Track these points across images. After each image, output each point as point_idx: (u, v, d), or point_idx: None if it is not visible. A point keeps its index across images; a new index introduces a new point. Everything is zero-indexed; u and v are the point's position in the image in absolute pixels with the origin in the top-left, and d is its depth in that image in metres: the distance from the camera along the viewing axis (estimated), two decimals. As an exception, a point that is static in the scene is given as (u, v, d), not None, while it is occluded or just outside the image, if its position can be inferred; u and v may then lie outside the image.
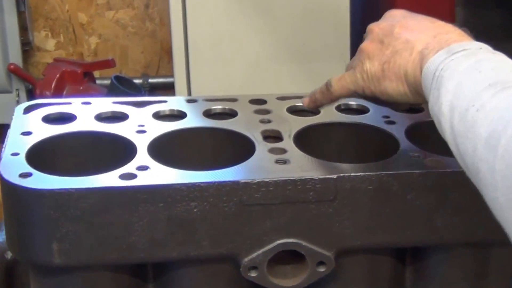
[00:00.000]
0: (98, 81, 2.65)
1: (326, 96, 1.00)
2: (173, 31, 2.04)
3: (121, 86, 2.29)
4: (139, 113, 1.11)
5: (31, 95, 2.54)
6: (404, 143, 1.03)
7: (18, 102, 2.55)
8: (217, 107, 1.14)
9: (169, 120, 1.10)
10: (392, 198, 0.94)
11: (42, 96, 2.40)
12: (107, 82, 2.56)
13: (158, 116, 1.11)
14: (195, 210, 0.90)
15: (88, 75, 2.52)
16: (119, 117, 1.10)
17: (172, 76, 2.11)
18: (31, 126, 1.05)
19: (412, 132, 1.08)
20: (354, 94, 0.97)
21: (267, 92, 1.81)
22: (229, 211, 0.90)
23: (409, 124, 1.10)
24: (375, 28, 0.95)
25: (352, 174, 0.93)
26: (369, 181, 0.93)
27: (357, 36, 2.04)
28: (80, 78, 2.47)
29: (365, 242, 0.96)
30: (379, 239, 0.96)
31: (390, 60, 0.91)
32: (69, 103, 1.13)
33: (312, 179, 0.92)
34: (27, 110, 1.12)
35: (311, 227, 0.93)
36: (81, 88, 2.46)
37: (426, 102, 0.85)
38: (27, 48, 2.67)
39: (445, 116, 0.79)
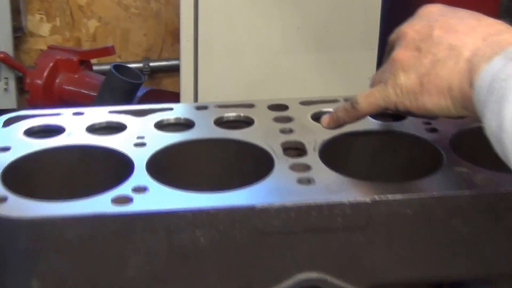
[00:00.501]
0: (95, 67, 2.56)
1: (351, 115, 0.95)
2: (182, 9, 1.95)
3: (120, 76, 2.19)
4: (138, 123, 1.03)
5: (21, 84, 2.47)
6: (448, 155, 0.95)
7: (6, 91, 2.49)
8: (231, 114, 1.06)
9: (174, 131, 1.02)
10: (434, 224, 0.87)
11: (32, 86, 2.32)
12: (106, 67, 2.48)
13: (161, 125, 1.03)
14: (201, 239, 0.83)
15: (84, 63, 2.44)
16: (115, 127, 1.02)
17: (175, 58, 2.02)
18: (10, 140, 0.97)
19: (458, 142, 0.99)
20: (383, 110, 0.92)
21: (283, 85, 1.78)
22: (242, 240, 0.84)
23: (455, 132, 1.02)
24: (409, 31, 0.88)
25: (389, 197, 0.85)
26: (408, 204, 0.85)
27: (387, 23, 1.96)
28: (75, 67, 2.38)
29: (402, 277, 0.89)
30: (419, 273, 0.89)
31: (430, 72, 0.85)
32: (58, 114, 1.05)
33: (341, 203, 0.84)
34: (7, 123, 1.03)
35: (338, 259, 0.87)
36: (76, 76, 2.37)
37: (474, 116, 0.80)
38: (19, 34, 2.60)
39: (509, 133, 0.70)
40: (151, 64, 2.71)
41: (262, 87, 1.91)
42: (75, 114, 1.05)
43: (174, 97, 2.26)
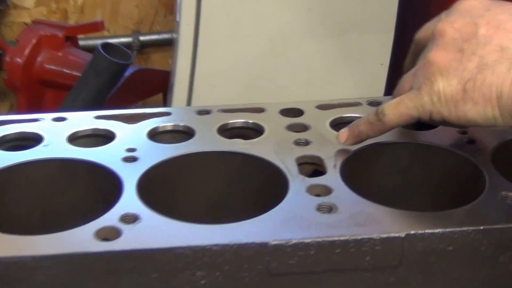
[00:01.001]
0: (81, 42, 2.47)
1: (376, 128, 0.89)
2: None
3: (108, 56, 2.12)
4: (129, 131, 0.97)
5: (1, 62, 2.38)
6: (491, 174, 0.88)
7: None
8: (237, 121, 1.00)
9: (170, 140, 0.97)
10: (479, 262, 0.81)
11: (11, 65, 2.23)
12: (93, 43, 2.42)
13: (155, 134, 0.97)
14: (202, 282, 0.76)
15: (70, 39, 2.34)
16: (102, 136, 0.97)
17: (167, 31, 1.94)
18: (-26, 153, 0.91)
19: (500, 156, 0.93)
20: (414, 121, 0.87)
21: (291, 72, 1.71)
22: (251, 283, 0.77)
23: (496, 144, 0.95)
24: (448, 30, 0.83)
25: (427, 231, 0.78)
26: (450, 240, 0.79)
27: (406, 2, 1.90)
28: (60, 44, 2.28)
29: (441, 324, 0.82)
30: (460, 320, 0.83)
31: (476, 78, 0.81)
32: (37, 120, 0.99)
33: (370, 239, 0.77)
34: (-25, 131, 0.97)
35: (366, 304, 0.79)
36: (59, 54, 2.27)
37: None
38: (2, 6, 2.51)
39: None
40: (141, 38, 2.65)
41: (267, 74, 1.83)
42: (56, 119, 1.00)
43: (165, 77, 2.19)
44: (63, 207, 0.89)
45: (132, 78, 2.22)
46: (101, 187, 0.88)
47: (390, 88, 1.08)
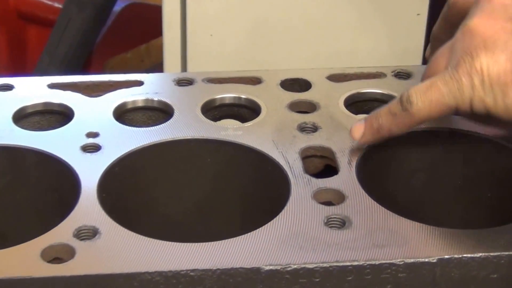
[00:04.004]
0: None
1: (401, 122, 0.86)
2: None
3: None
4: (91, 107, 0.96)
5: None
6: None
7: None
8: (227, 95, 0.99)
9: (142, 122, 0.97)
10: None
11: None
12: None
13: (124, 112, 0.97)
14: None
15: None
16: (57, 113, 0.96)
17: None
18: None
19: None
20: (451, 112, 0.85)
21: (307, 20, 1.63)
22: None
23: None
24: None
25: (465, 255, 0.76)
26: (494, 266, 0.77)
27: None
28: None
29: None
30: None
31: None
32: None
33: (392, 264, 0.75)
34: None
35: None
36: None
37: None
38: None
39: None
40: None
41: (279, 22, 1.78)
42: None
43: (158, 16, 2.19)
44: (6, 212, 0.89)
45: (124, 14, 2.23)
46: (55, 186, 0.87)
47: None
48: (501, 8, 0.82)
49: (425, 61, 0.98)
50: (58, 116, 0.96)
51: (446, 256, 0.76)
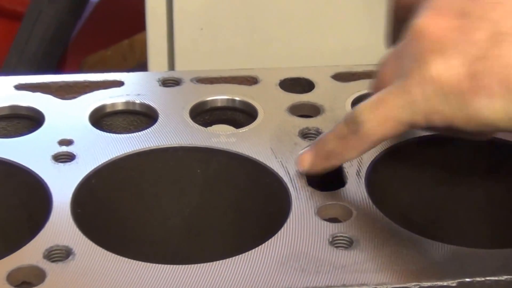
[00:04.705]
0: None
1: (351, 145, 0.82)
2: None
3: None
4: (64, 111, 0.94)
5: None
6: None
7: None
8: (219, 97, 0.97)
9: (123, 128, 0.95)
10: None
11: None
12: None
13: (101, 117, 0.95)
14: None
15: None
16: (26, 118, 0.94)
17: None
18: None
19: None
20: (407, 128, 0.80)
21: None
22: None
23: None
24: None
25: (488, 278, 0.74)
26: None
27: None
28: None
29: None
30: None
31: (488, 55, 0.75)
32: None
33: None
34: None
35: None
36: None
37: None
38: None
39: None
40: None
41: (269, 25, 1.75)
42: (-41, 90, 0.98)
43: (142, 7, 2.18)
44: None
45: (103, 5, 2.23)
46: (23, 200, 0.85)
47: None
48: (449, 2, 0.78)
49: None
50: (27, 121, 0.94)
51: (467, 279, 0.73)
